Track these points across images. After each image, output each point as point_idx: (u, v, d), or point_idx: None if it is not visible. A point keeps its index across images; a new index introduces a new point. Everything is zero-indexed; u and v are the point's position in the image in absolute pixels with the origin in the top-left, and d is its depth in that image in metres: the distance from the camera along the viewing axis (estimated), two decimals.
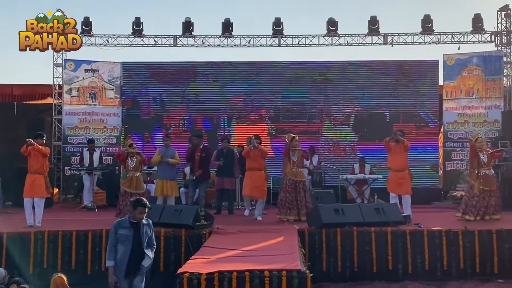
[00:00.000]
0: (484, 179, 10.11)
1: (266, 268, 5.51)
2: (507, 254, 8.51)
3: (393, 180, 10.54)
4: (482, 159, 10.22)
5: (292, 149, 10.36)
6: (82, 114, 15.44)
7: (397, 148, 10.51)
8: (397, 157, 10.51)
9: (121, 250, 5.88)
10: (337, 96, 15.80)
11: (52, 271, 8.17)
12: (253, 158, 10.67)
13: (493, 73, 15.31)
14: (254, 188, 10.67)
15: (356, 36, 16.26)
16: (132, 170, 10.19)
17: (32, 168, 9.77)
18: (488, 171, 10.21)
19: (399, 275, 8.44)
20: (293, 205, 10.09)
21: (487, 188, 10.07)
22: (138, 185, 10.19)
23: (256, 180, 10.64)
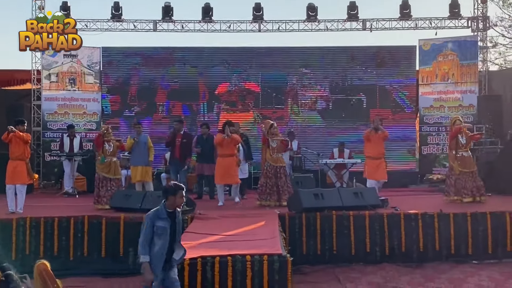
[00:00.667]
0: (462, 161, 10.32)
1: (248, 253, 5.64)
2: (481, 236, 8.72)
3: (370, 167, 10.82)
4: (461, 140, 10.41)
5: (271, 136, 10.43)
6: (62, 100, 15.39)
7: (375, 137, 10.75)
8: (374, 145, 10.78)
9: (158, 244, 5.26)
10: (316, 82, 15.94)
11: (34, 258, 8.22)
12: (226, 146, 10.67)
13: (468, 58, 15.57)
14: (226, 175, 10.68)
15: (336, 21, 16.42)
16: (109, 155, 10.15)
17: (13, 155, 9.74)
18: (465, 153, 10.40)
19: (376, 258, 8.61)
20: (273, 191, 10.19)
21: (466, 170, 10.27)
22: (116, 170, 10.18)
23: (227, 167, 10.65)
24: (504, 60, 25.35)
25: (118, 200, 9.52)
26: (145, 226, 5.29)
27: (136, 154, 11.30)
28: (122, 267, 8.43)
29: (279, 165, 10.38)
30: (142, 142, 11.29)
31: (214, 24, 16.34)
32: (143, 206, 8.94)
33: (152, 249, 5.23)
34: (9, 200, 9.63)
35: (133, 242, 8.42)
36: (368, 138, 10.87)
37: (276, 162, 10.36)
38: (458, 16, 16.28)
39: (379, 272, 8.07)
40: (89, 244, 8.62)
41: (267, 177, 10.28)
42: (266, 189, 10.24)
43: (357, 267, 8.38)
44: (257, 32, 16.49)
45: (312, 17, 16.27)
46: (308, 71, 15.90)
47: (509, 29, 24.01)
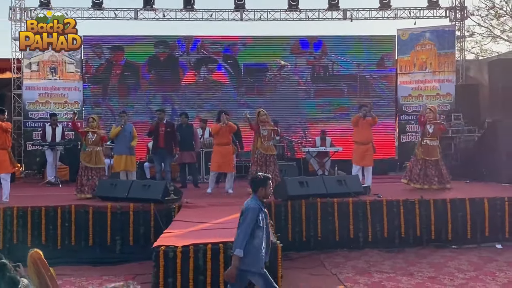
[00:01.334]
0: (425, 149, 10.57)
1: None
2: (460, 222, 8.99)
3: (357, 153, 11.01)
4: (428, 129, 10.66)
5: (261, 124, 10.54)
6: (43, 89, 15.29)
7: (363, 122, 10.94)
8: (363, 131, 10.97)
9: (259, 236, 4.96)
10: (297, 72, 16.06)
11: (22, 247, 8.30)
12: (222, 135, 10.82)
13: (445, 48, 15.83)
14: (222, 163, 10.84)
15: (317, 11, 16.54)
16: (91, 144, 10.12)
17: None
18: (430, 142, 10.59)
19: (360, 243, 8.83)
20: None
21: (428, 158, 10.51)
22: (98, 160, 10.15)
23: (223, 155, 10.81)
24: (480, 49, 25.85)
25: (104, 189, 9.54)
26: (249, 218, 4.93)
27: (121, 143, 11.33)
28: (109, 256, 8.56)
29: (269, 153, 10.50)
30: (127, 131, 11.32)
31: (195, 13, 16.32)
32: (129, 195, 9.02)
33: (251, 242, 4.91)
34: None
35: (120, 230, 8.61)
36: (356, 124, 11.03)
37: (266, 150, 10.48)
38: (436, 6, 16.53)
39: (363, 257, 8.30)
40: (76, 233, 8.69)
41: (257, 165, 10.40)
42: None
43: (341, 253, 8.58)
44: (238, 21, 16.53)
45: (293, 6, 16.37)
46: (290, 61, 16.00)
47: (485, 18, 24.48)
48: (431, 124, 10.64)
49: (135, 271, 7.79)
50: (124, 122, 11.39)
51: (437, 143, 10.69)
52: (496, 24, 24.85)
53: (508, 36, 24.96)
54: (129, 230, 8.61)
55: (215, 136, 11.02)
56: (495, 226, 9.04)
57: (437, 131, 10.68)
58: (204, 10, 16.32)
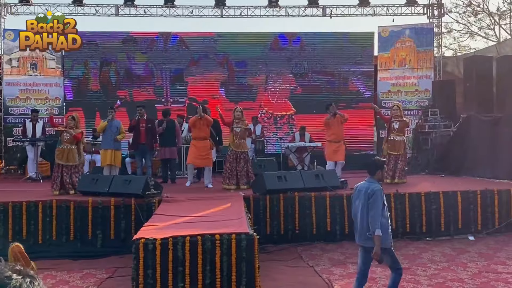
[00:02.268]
0: (392, 144, 10.91)
1: (216, 232, 5.94)
2: (434, 215, 9.25)
3: (330, 149, 11.37)
4: (394, 125, 10.97)
5: (236, 120, 10.66)
6: (23, 85, 15.30)
7: (334, 121, 11.25)
8: (334, 129, 11.31)
9: (385, 216, 5.36)
10: (278, 68, 16.21)
11: (3, 242, 8.36)
12: (199, 128, 10.89)
13: (424, 45, 16.13)
14: (199, 156, 10.93)
15: (296, 7, 16.71)
16: (65, 142, 10.10)
17: None
18: (397, 137, 10.91)
19: (336, 236, 9.02)
20: (232, 175, 10.47)
21: (394, 152, 10.84)
22: (70, 157, 10.06)
23: (200, 149, 10.91)
24: (458, 45, 26.24)
25: (85, 184, 9.62)
26: (379, 200, 5.27)
27: (107, 138, 11.43)
28: (90, 250, 8.66)
29: (240, 151, 10.61)
30: (114, 126, 11.44)
31: (176, 9, 16.43)
32: (110, 190, 9.11)
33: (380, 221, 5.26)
34: None
35: (101, 225, 8.71)
36: (328, 124, 11.38)
37: (237, 147, 10.58)
38: (414, 3, 16.81)
39: (339, 250, 8.52)
40: (57, 228, 8.75)
41: (228, 161, 10.57)
42: (227, 173, 10.54)
43: (319, 245, 8.78)
44: (219, 17, 16.65)
45: (273, 3, 16.55)
46: (269, 58, 16.14)
47: (463, 15, 24.86)
48: (396, 121, 10.91)
49: (115, 264, 7.91)
50: (111, 118, 11.51)
51: (403, 139, 11.00)
52: (473, 21, 25.27)
53: (485, 32, 25.39)
54: (110, 224, 8.72)
55: (192, 129, 11.10)
56: (467, 218, 9.32)
57: (403, 126, 11.00)
58: (184, 7, 16.45)
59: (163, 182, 11.61)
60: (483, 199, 9.39)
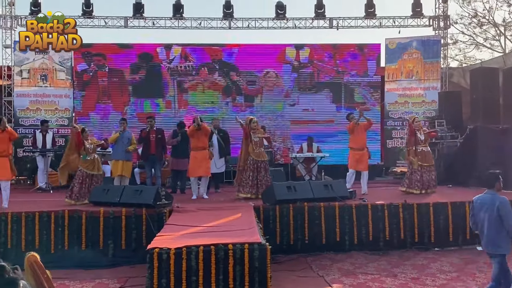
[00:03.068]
0: (422, 156, 11.00)
1: (229, 242, 6.04)
2: (442, 225, 9.31)
3: (353, 158, 11.32)
4: (419, 137, 11.06)
5: (252, 131, 10.79)
6: (34, 96, 15.46)
7: (358, 128, 11.26)
8: (358, 136, 11.30)
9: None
10: (284, 79, 16.33)
11: (16, 252, 8.50)
12: (198, 138, 10.96)
13: (431, 56, 16.25)
14: (199, 168, 11.00)
15: (304, 19, 16.85)
16: (91, 152, 10.35)
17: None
18: (425, 148, 11.09)
19: (346, 246, 9.11)
20: (253, 184, 10.58)
21: (426, 164, 10.94)
22: (99, 166, 10.44)
23: (200, 160, 10.98)
24: (464, 56, 26.34)
25: (97, 194, 9.73)
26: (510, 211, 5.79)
27: (119, 148, 11.56)
28: (102, 260, 8.72)
29: (260, 160, 10.75)
30: (126, 138, 11.58)
31: (185, 21, 16.59)
32: (121, 200, 9.21)
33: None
34: None
35: (112, 235, 8.80)
36: (352, 130, 11.33)
37: (258, 156, 10.73)
38: (420, 15, 16.92)
39: (348, 260, 8.59)
40: (69, 238, 8.85)
41: (250, 170, 10.64)
42: (248, 182, 10.62)
43: (328, 255, 8.85)
44: (227, 29, 16.81)
45: (280, 15, 16.69)
46: (277, 68, 16.27)
47: (468, 27, 24.98)
48: (421, 132, 11.02)
49: (127, 274, 7.99)
50: (123, 129, 11.66)
51: (429, 149, 11.15)
52: (479, 32, 25.39)
53: (490, 43, 25.49)
54: (121, 234, 8.81)
55: (191, 139, 11.13)
56: None
57: (427, 137, 11.17)
58: (193, 19, 16.59)
59: (172, 192, 11.71)
60: None
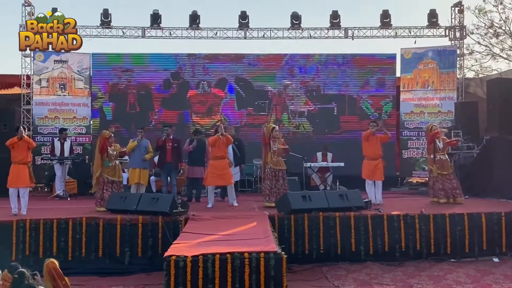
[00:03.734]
0: (440, 164, 10.99)
1: (245, 250, 6.08)
2: (458, 236, 9.24)
3: (367, 168, 11.29)
4: (438, 145, 11.06)
5: (273, 139, 10.85)
6: (52, 105, 15.68)
7: (373, 138, 11.25)
8: (373, 146, 11.26)
9: None
10: (299, 88, 16.39)
11: (34, 259, 8.61)
12: (218, 147, 10.96)
13: (447, 66, 16.23)
14: (217, 176, 10.97)
15: (319, 29, 16.91)
16: (113, 159, 10.51)
17: (16, 159, 10.00)
18: (443, 156, 11.08)
19: (361, 256, 9.07)
20: (272, 192, 10.65)
21: (445, 172, 10.93)
22: (120, 173, 10.63)
23: (219, 169, 10.95)
24: (480, 66, 26.19)
25: (114, 202, 9.85)
26: None
27: (136, 157, 11.69)
28: (118, 267, 8.81)
29: (278, 168, 10.82)
30: (143, 146, 11.71)
31: (201, 31, 16.73)
32: (138, 208, 9.31)
33: None
34: (13, 202, 9.92)
35: (129, 242, 8.88)
36: (367, 139, 11.29)
37: (276, 165, 10.82)
38: (436, 25, 16.89)
39: (364, 270, 8.55)
40: (87, 245, 8.94)
41: (268, 179, 10.74)
42: (267, 190, 10.72)
43: (343, 266, 8.81)
44: (242, 39, 16.93)
45: (296, 25, 16.75)
46: (290, 78, 16.33)
47: (484, 37, 24.85)
48: (440, 140, 11.04)
49: (143, 281, 8.04)
50: (140, 138, 11.79)
51: (447, 157, 11.15)
52: (495, 43, 25.22)
53: (507, 54, 25.32)
54: (137, 242, 8.89)
55: (212, 148, 11.09)
56: (492, 240, 9.29)
57: (446, 146, 11.18)
58: (209, 29, 16.74)
59: (188, 201, 11.77)
60: (507, 221, 9.37)
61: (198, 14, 16.54)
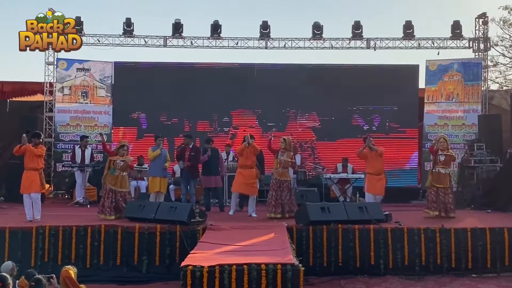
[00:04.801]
0: (436, 176, 10.80)
1: (262, 262, 6.03)
2: (480, 251, 9.06)
3: (369, 182, 11.28)
4: (440, 158, 10.87)
5: (282, 150, 10.83)
6: (74, 112, 15.87)
7: (372, 155, 11.23)
8: (373, 163, 11.25)
9: None
10: (321, 99, 16.31)
11: (53, 265, 8.64)
12: (246, 156, 11.00)
13: (472, 79, 16.06)
14: (244, 185, 11.02)
15: (340, 40, 16.85)
16: (119, 169, 10.48)
17: (27, 165, 10.16)
18: (442, 170, 10.81)
19: (380, 270, 8.95)
20: (277, 203, 10.60)
21: (440, 186, 10.72)
22: (123, 184, 10.50)
23: (247, 177, 11.00)
24: (504, 79, 25.79)
25: (133, 210, 9.87)
26: None
27: (157, 165, 11.67)
28: (135, 275, 8.83)
29: (283, 179, 10.78)
30: (163, 155, 11.71)
31: (222, 40, 16.78)
32: (156, 216, 9.31)
33: None
34: (27, 209, 10.05)
35: (147, 251, 8.88)
36: (365, 156, 11.34)
37: (281, 176, 10.77)
38: (460, 37, 16.72)
39: (383, 284, 8.45)
40: (105, 252, 8.97)
41: (273, 190, 10.71)
42: (272, 201, 10.66)
43: (362, 279, 8.70)
44: (263, 49, 16.94)
45: (317, 35, 16.69)
46: (311, 88, 16.23)
47: (509, 49, 24.46)
48: (443, 154, 10.85)
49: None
50: (162, 146, 11.82)
51: (448, 171, 10.88)
52: None
53: None
54: (155, 250, 8.89)
55: (239, 157, 11.21)
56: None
57: (449, 160, 10.91)
58: (230, 38, 16.77)
59: (206, 210, 11.76)
60: None
61: (220, 23, 16.61)
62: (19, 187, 10.27)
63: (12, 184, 12.52)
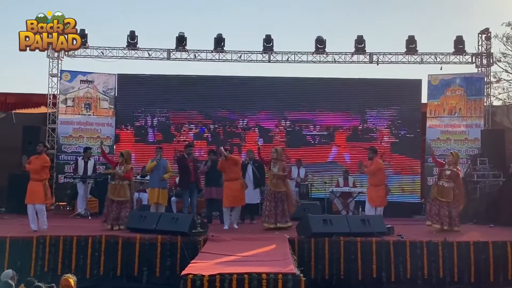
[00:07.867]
0: (439, 189, 10.74)
1: (263, 271, 6.00)
2: (483, 265, 9.02)
3: (370, 193, 11.32)
4: (445, 172, 10.83)
5: (274, 160, 10.91)
6: (77, 124, 15.88)
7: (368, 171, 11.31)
8: (374, 176, 11.28)
9: None
10: (321, 113, 16.33)
11: (52, 275, 8.62)
12: (228, 169, 11.08)
13: (474, 94, 16.05)
14: (233, 197, 11.09)
15: (343, 54, 16.88)
16: (118, 178, 10.53)
17: (32, 176, 10.21)
18: (446, 183, 10.71)
19: (382, 283, 8.90)
20: (271, 214, 10.64)
21: (443, 199, 10.63)
22: (122, 193, 10.51)
23: (234, 190, 11.06)
24: (507, 95, 25.81)
25: (134, 221, 9.85)
26: None
27: (155, 177, 11.66)
28: (135, 286, 8.83)
29: (278, 190, 10.81)
30: (162, 166, 11.68)
31: (225, 54, 16.83)
32: (158, 227, 9.29)
33: None
34: (30, 219, 10.05)
35: (147, 261, 8.84)
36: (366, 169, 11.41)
37: (276, 187, 10.82)
38: (462, 52, 16.72)
39: None
40: (105, 263, 8.95)
41: (267, 200, 10.80)
42: (266, 211, 10.74)
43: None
44: (266, 62, 16.98)
45: (320, 49, 16.72)
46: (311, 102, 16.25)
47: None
48: (449, 169, 10.83)
49: None
50: (159, 157, 11.78)
51: (452, 186, 10.79)
52: None
53: None
54: (156, 261, 8.85)
55: (222, 171, 11.26)
56: None
57: (454, 175, 10.83)
58: (233, 52, 16.82)
59: (208, 222, 11.72)
60: None
61: (223, 37, 16.65)
62: (22, 198, 10.29)
63: (14, 195, 12.52)
